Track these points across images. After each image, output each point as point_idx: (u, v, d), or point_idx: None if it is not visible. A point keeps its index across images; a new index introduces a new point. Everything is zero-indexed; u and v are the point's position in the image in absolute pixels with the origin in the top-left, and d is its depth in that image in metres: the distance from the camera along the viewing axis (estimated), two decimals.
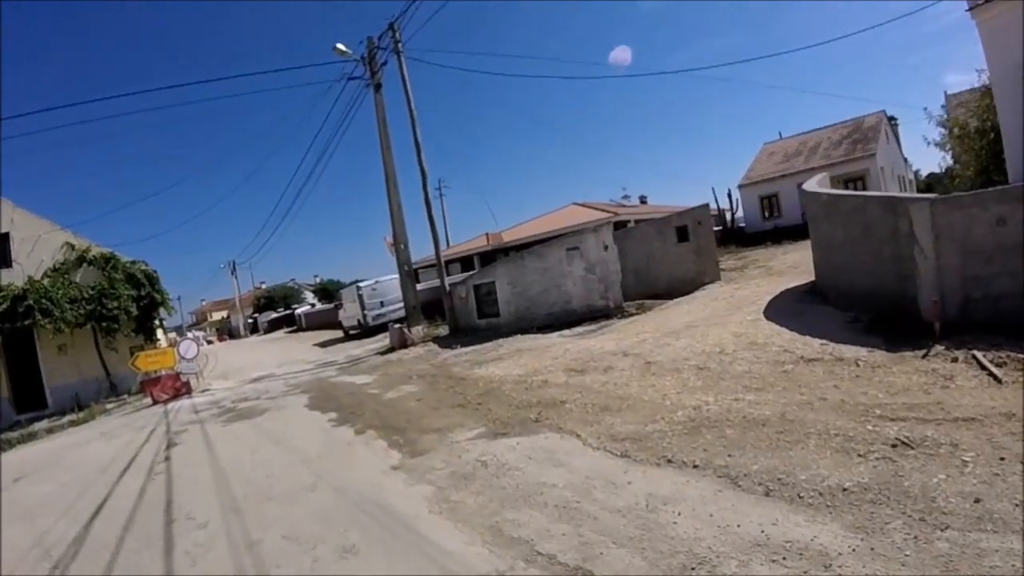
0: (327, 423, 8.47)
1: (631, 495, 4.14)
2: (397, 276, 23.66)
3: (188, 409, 12.75)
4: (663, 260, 15.75)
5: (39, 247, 17.43)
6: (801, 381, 5.88)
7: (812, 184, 13.35)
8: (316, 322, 37.62)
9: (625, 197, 41.04)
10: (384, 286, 22.69)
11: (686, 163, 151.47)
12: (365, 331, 22.37)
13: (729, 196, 30.76)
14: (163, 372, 15.71)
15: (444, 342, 14.87)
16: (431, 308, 18.45)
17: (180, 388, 15.04)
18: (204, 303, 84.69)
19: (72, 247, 17.81)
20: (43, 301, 15.82)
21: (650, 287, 15.04)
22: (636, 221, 25.39)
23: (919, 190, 34.95)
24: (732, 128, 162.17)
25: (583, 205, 34.05)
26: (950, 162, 23.01)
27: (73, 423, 14.34)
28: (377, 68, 16.66)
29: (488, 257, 32.07)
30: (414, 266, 34.42)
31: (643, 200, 41.18)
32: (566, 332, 12.46)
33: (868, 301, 8.05)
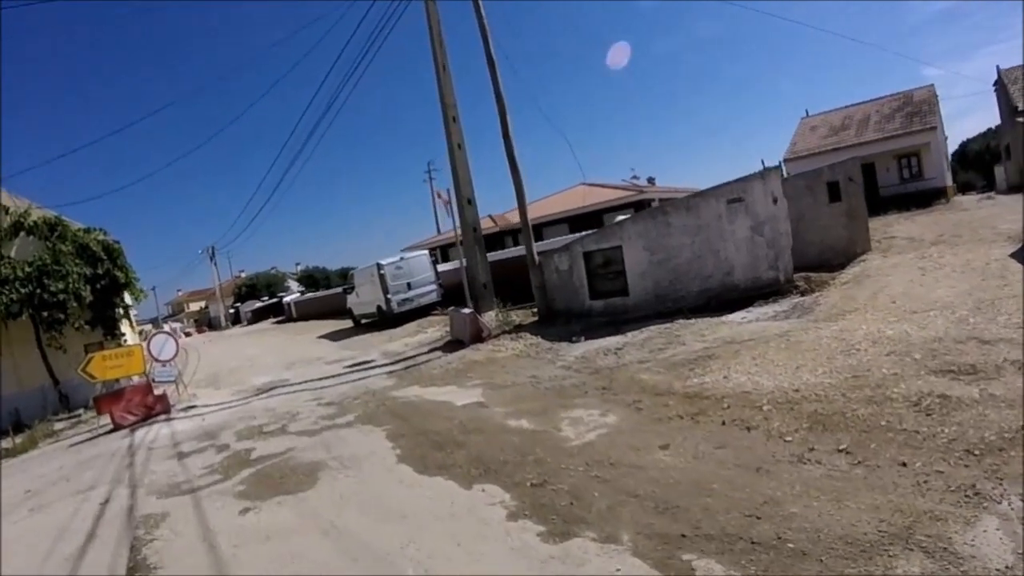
0: (514, 526, 3.53)
1: None
2: (424, 252, 18.72)
3: (166, 446, 7.72)
4: (813, 224, 11.46)
5: None
6: None
7: None
8: (310, 311, 31.91)
9: (634, 178, 37.15)
10: (411, 264, 17.41)
11: (690, 144, 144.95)
12: (386, 320, 17.19)
13: (780, 168, 26.60)
14: (130, 381, 10.57)
15: (544, 332, 9.98)
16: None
17: (153, 405, 9.92)
18: (180, 293, 76.74)
19: (5, 211, 12.50)
20: None
21: (798, 257, 10.66)
22: (660, 201, 21.43)
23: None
24: (725, 109, 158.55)
25: (594, 185, 29.91)
26: None
27: (8, 452, 9.73)
28: None
29: (495, 240, 27.45)
30: (437, 243, 29.60)
31: (651, 181, 37.21)
32: (748, 315, 7.97)
33: None
